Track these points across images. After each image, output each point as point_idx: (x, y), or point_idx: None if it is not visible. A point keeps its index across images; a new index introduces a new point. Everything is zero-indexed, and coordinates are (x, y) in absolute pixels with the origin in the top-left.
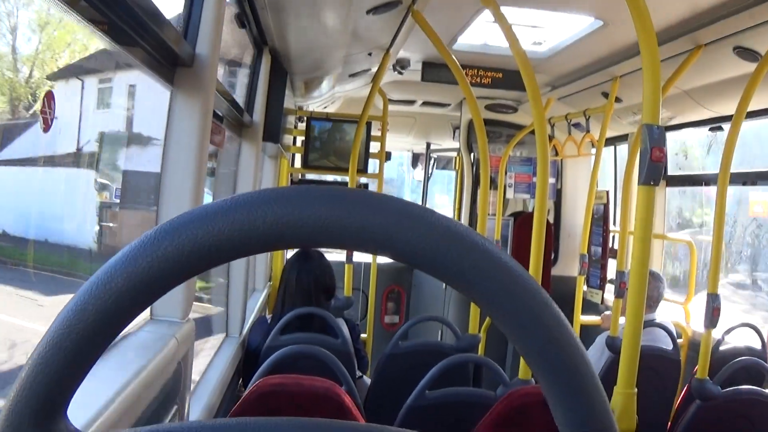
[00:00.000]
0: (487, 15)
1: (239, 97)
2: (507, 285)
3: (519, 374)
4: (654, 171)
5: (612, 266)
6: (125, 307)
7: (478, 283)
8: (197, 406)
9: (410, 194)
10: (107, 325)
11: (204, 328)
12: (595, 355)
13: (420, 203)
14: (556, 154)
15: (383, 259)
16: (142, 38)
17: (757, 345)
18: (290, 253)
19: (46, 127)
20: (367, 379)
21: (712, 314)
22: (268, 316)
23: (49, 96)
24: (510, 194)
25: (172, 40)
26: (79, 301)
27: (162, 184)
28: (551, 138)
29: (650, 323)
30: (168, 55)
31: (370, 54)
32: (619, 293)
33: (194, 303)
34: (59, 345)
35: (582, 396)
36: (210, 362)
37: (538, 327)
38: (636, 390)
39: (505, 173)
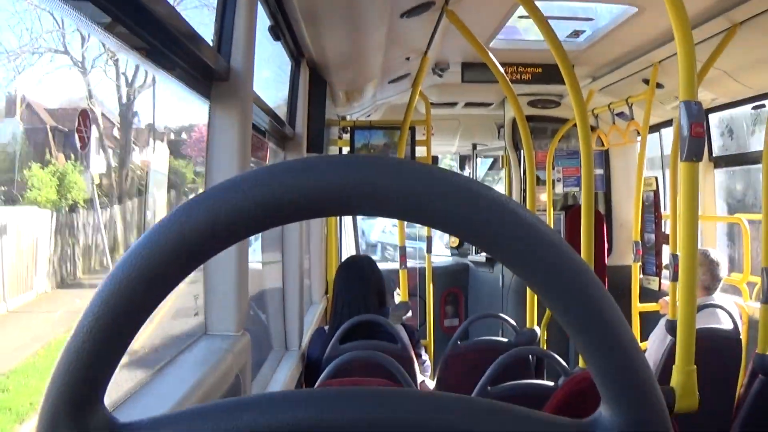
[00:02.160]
0: (522, 10)
1: (281, 110)
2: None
3: (579, 364)
4: (695, 147)
5: (667, 252)
6: (154, 284)
7: (518, 254)
8: None
9: None
10: (135, 306)
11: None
12: (657, 341)
13: None
14: (602, 144)
15: (438, 262)
16: (177, 55)
17: None
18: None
19: (83, 145)
20: (431, 382)
21: None
22: (326, 327)
23: (84, 115)
24: (559, 189)
25: (206, 55)
26: (105, 287)
27: None
28: (595, 129)
29: (709, 305)
30: (203, 70)
31: (408, 59)
32: (675, 276)
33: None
34: (89, 330)
35: (627, 372)
36: (272, 376)
37: (578, 300)
38: (695, 368)
39: (553, 168)
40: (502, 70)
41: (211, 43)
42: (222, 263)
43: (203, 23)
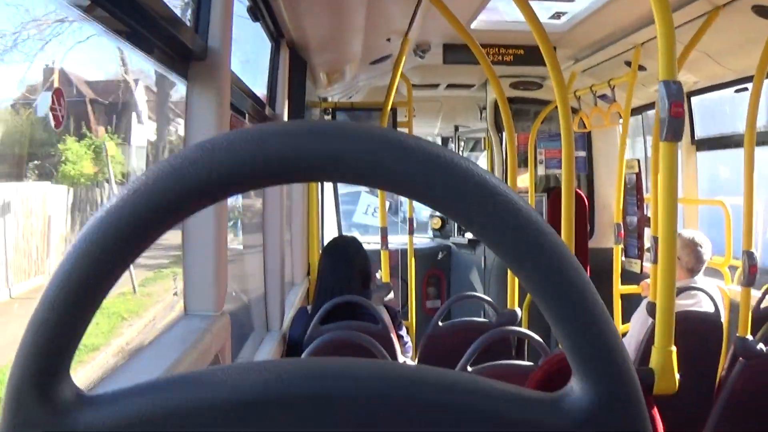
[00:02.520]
0: None
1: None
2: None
3: (559, 344)
4: (674, 126)
5: (649, 235)
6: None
7: (478, 216)
8: None
9: None
10: (98, 275)
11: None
12: (638, 324)
13: None
14: (584, 126)
15: (420, 244)
16: (154, 35)
17: None
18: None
19: (57, 124)
20: (410, 362)
21: (749, 272)
22: (308, 308)
23: (58, 93)
24: (541, 171)
25: (184, 35)
26: (69, 256)
27: None
28: (577, 111)
29: (691, 288)
30: (181, 50)
31: (389, 40)
32: (656, 258)
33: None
34: (54, 301)
35: (598, 344)
36: (252, 357)
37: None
38: (674, 348)
39: (535, 150)
40: (483, 51)
41: (188, 23)
42: (200, 243)
43: (176, 5)
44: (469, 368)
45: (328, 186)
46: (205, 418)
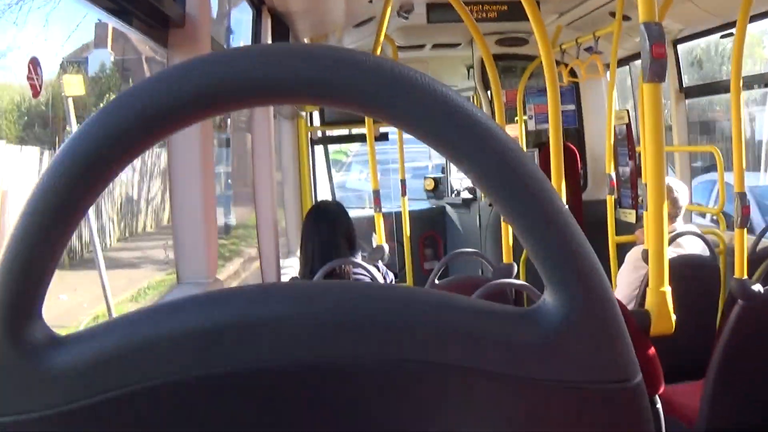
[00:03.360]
0: None
1: None
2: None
3: None
4: (657, 67)
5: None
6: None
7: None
8: None
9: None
10: (64, 207)
11: None
12: (627, 273)
13: None
14: (564, 80)
15: (415, 207)
16: (131, 3)
17: None
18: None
19: (35, 93)
20: None
21: (742, 213)
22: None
23: (34, 62)
24: (531, 126)
25: (161, 2)
26: (35, 188)
27: (170, 152)
28: (562, 64)
29: (684, 233)
30: (158, 17)
31: (371, 1)
32: (646, 205)
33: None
34: (22, 236)
35: (570, 256)
36: None
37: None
38: (669, 289)
39: (524, 106)
40: (467, 9)
41: None
42: (189, 212)
43: None
44: None
45: (320, 152)
46: (181, 347)
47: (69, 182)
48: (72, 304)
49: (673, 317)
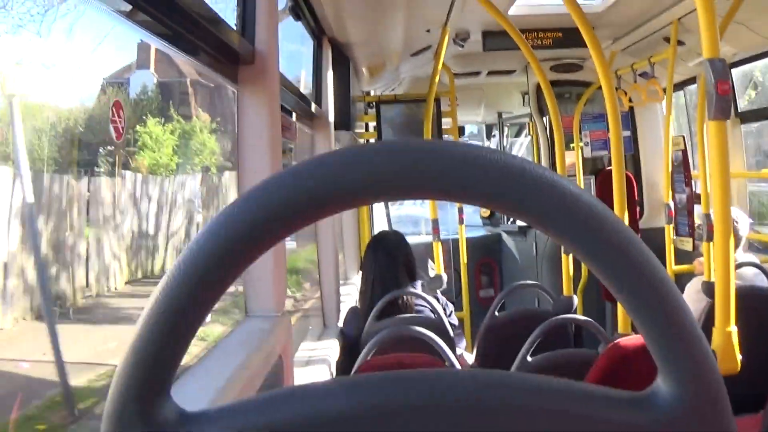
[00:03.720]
0: None
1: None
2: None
3: (618, 329)
4: (722, 104)
5: (699, 212)
6: (215, 275)
7: (571, 231)
8: None
9: None
10: (199, 296)
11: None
12: (688, 302)
13: None
14: (623, 105)
15: (471, 234)
16: (202, 41)
17: None
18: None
19: (118, 136)
20: (468, 355)
21: None
22: (357, 305)
23: (117, 105)
24: (587, 153)
25: (231, 40)
26: (168, 280)
27: (240, 180)
28: (617, 90)
29: (744, 264)
30: (229, 54)
31: (428, 31)
32: (708, 236)
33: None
34: (154, 325)
35: (684, 343)
36: (312, 353)
37: (633, 271)
38: (735, 329)
39: (580, 132)
40: (522, 36)
41: (234, 27)
42: None
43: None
44: (529, 358)
45: None
46: (327, 429)
47: (209, 264)
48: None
49: (739, 357)
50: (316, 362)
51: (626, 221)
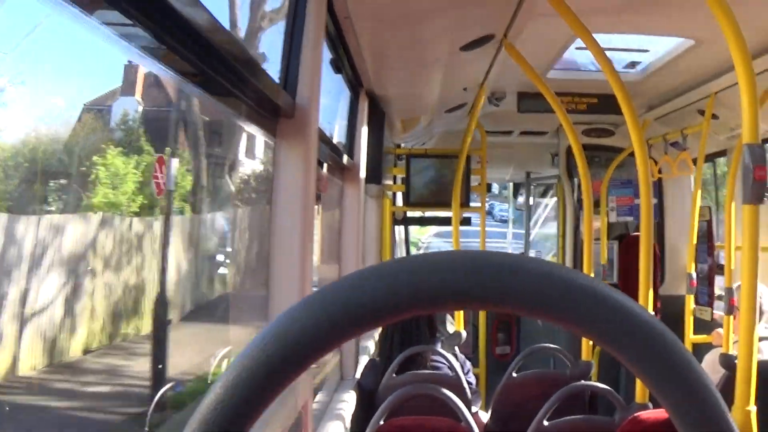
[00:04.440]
0: (579, 41)
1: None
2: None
3: (636, 398)
4: (758, 190)
5: (719, 282)
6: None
7: (607, 333)
8: None
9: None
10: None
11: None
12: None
13: (524, 231)
14: (653, 175)
15: None
16: (243, 92)
17: None
18: None
19: (159, 192)
20: (483, 413)
21: None
22: (376, 358)
23: (161, 161)
24: (613, 218)
25: (272, 92)
26: (229, 374)
27: (272, 233)
28: (651, 159)
29: (761, 338)
30: (269, 107)
31: (465, 89)
32: (729, 310)
33: None
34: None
35: (711, 422)
36: (329, 406)
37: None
38: (755, 408)
39: (607, 197)
40: (558, 100)
41: (277, 80)
42: (284, 298)
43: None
44: (546, 422)
45: (399, 229)
46: None
47: (261, 375)
48: None
49: None
50: (332, 417)
51: (649, 289)
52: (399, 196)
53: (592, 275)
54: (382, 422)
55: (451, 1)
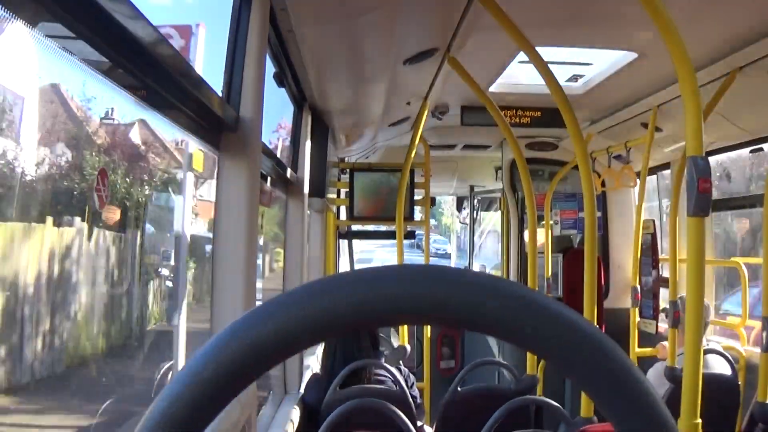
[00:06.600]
0: (522, 55)
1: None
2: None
3: (581, 412)
4: (702, 202)
5: (664, 295)
6: (214, 398)
7: (552, 347)
8: None
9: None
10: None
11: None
12: None
13: (468, 244)
14: (596, 188)
15: None
16: (186, 105)
17: None
18: None
19: (101, 204)
20: (428, 428)
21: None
22: (320, 372)
23: (103, 174)
24: (557, 231)
25: (215, 106)
26: (174, 386)
27: (215, 248)
28: (595, 173)
29: (708, 351)
30: (213, 121)
31: (408, 103)
32: (674, 323)
33: None
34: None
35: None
36: (273, 420)
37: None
38: (700, 422)
39: (551, 210)
40: (501, 113)
41: (220, 94)
42: (228, 312)
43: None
44: None
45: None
46: None
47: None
48: None
49: None
50: (277, 429)
51: (596, 301)
52: (343, 210)
53: (536, 289)
54: None
55: (395, 15)
